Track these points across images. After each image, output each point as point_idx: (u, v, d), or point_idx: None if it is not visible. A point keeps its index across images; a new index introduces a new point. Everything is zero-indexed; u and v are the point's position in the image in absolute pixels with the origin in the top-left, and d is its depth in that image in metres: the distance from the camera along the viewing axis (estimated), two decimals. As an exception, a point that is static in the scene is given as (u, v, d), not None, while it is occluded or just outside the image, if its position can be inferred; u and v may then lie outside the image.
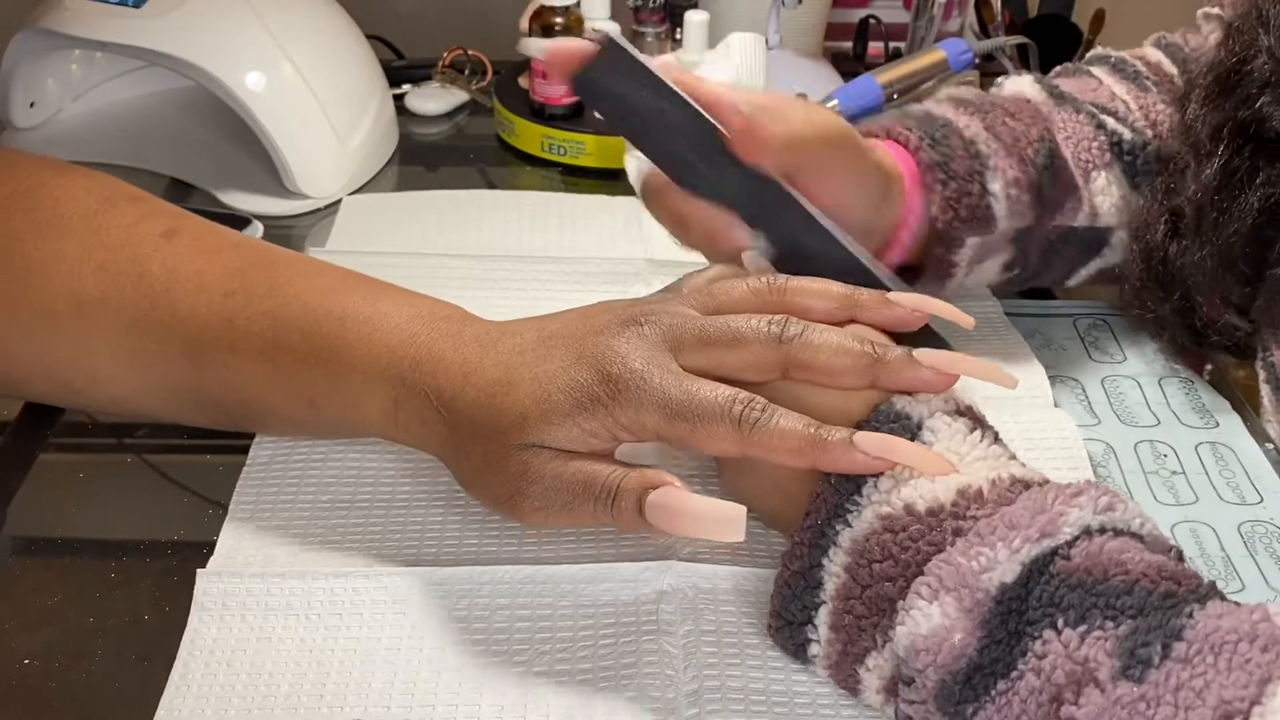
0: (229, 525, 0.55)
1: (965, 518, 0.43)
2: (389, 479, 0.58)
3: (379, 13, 1.00)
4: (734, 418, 0.46)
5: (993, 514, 0.43)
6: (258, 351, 0.53)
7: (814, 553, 0.46)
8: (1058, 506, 0.43)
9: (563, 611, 0.51)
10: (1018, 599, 0.41)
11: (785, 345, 0.48)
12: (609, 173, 0.90)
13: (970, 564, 0.42)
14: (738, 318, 0.49)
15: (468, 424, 0.49)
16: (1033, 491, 0.44)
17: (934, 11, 1.03)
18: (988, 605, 0.41)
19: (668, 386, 0.46)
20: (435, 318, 0.52)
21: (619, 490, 0.47)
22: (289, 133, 0.82)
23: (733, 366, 0.48)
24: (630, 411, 0.47)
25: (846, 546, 0.45)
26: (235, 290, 0.54)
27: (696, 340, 0.48)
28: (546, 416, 0.47)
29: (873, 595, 0.44)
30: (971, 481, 0.44)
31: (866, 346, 0.48)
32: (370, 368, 0.52)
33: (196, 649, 0.49)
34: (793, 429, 0.45)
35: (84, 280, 0.55)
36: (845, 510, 0.45)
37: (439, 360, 0.50)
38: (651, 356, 0.47)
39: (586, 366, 0.47)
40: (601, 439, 0.48)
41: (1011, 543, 0.42)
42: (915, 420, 0.47)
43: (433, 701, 0.47)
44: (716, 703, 0.47)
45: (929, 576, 0.42)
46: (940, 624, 0.42)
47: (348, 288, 0.54)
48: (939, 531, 0.43)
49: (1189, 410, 0.67)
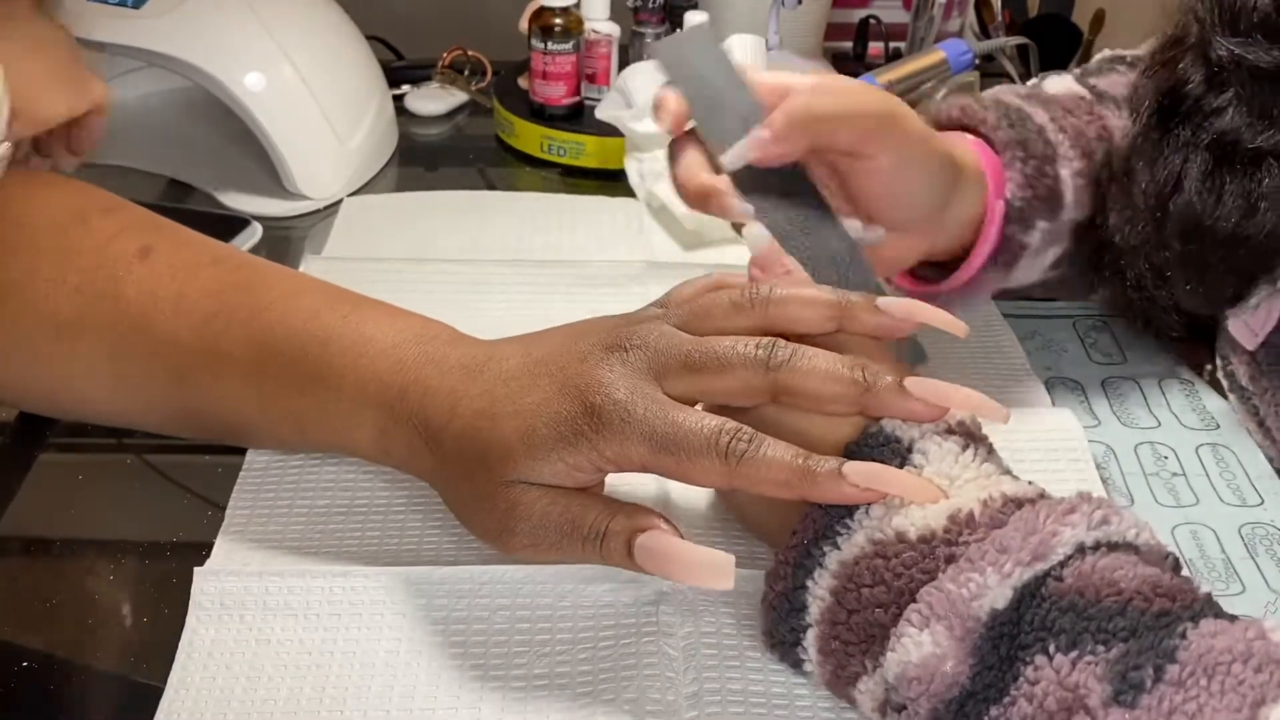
0: (225, 530, 0.55)
1: (957, 544, 0.43)
2: (386, 484, 0.58)
3: (379, 13, 1.00)
4: (721, 450, 0.45)
5: (984, 538, 0.43)
6: (243, 377, 0.53)
7: (798, 573, 0.46)
8: (1050, 526, 0.42)
9: (562, 613, 0.51)
10: (1010, 623, 0.41)
11: (773, 371, 0.46)
12: (609, 173, 0.90)
13: (961, 591, 0.41)
14: (724, 342, 0.47)
15: (455, 456, 0.49)
16: (1025, 511, 0.43)
17: (934, 12, 1.03)
18: (979, 632, 0.41)
19: (652, 418, 0.46)
20: (421, 340, 0.52)
21: (607, 532, 0.47)
22: (288, 133, 0.82)
23: (719, 393, 0.47)
24: (615, 445, 0.46)
25: (833, 570, 0.45)
26: (216, 313, 0.53)
27: (681, 366, 0.47)
28: (531, 451, 0.47)
29: (861, 621, 0.44)
30: (963, 505, 0.44)
31: (856, 374, 0.46)
32: (357, 395, 0.51)
33: (195, 650, 0.49)
34: (781, 460, 0.45)
35: (59, 304, 0.54)
36: (835, 533, 0.45)
37: (425, 388, 0.50)
38: (635, 386, 0.46)
39: (570, 398, 0.47)
40: (587, 472, 0.47)
41: (1003, 567, 0.41)
42: (906, 443, 0.46)
43: (433, 704, 0.47)
44: (716, 705, 0.46)
45: (920, 604, 0.42)
46: (931, 652, 0.41)
47: (331, 308, 0.53)
48: (931, 559, 0.43)
49: (1189, 412, 0.67)
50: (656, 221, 0.82)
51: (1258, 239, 0.54)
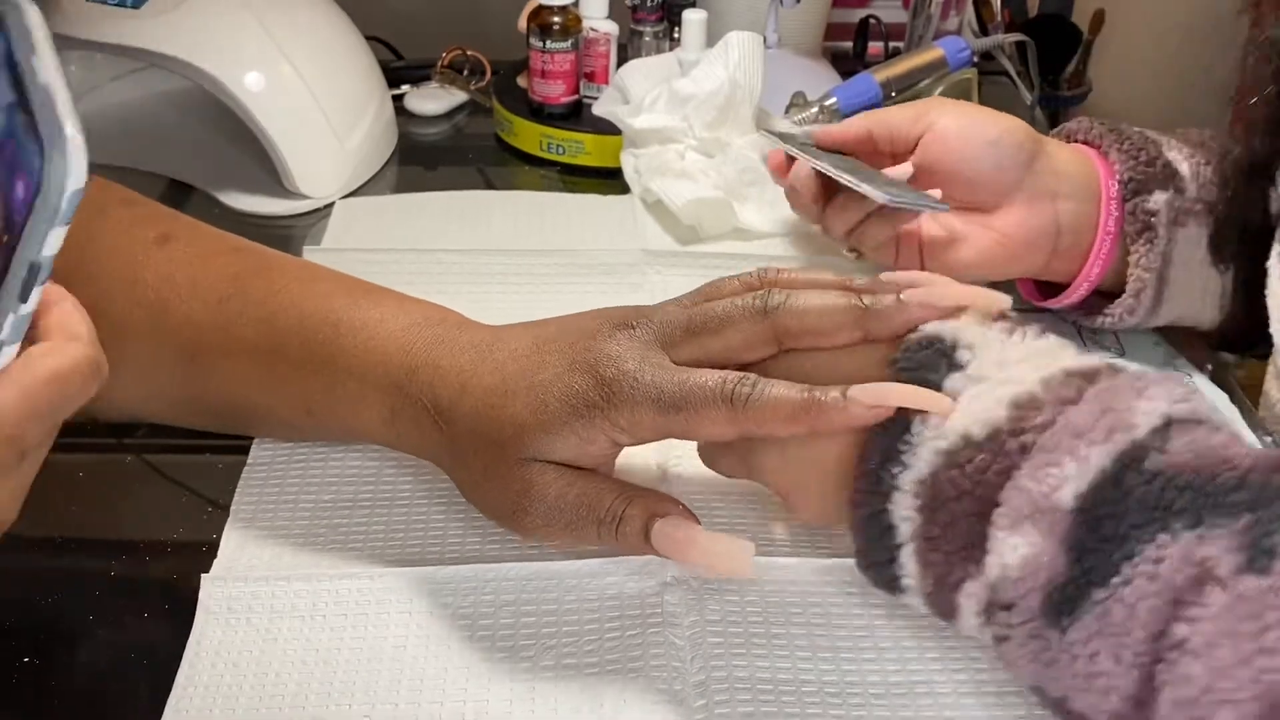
0: (231, 527, 0.55)
1: (1025, 430, 0.42)
2: (390, 477, 0.58)
3: (378, 13, 1.00)
4: (726, 396, 0.45)
5: (1053, 420, 0.42)
6: (254, 358, 0.53)
7: (874, 499, 0.45)
8: (1127, 401, 0.41)
9: (568, 606, 0.51)
10: (1110, 502, 0.40)
11: (771, 315, 0.47)
12: (608, 171, 0.89)
13: (1040, 487, 0.41)
14: (721, 301, 0.48)
15: (466, 434, 0.49)
16: (1099, 388, 0.42)
17: (932, 10, 1.03)
18: (1066, 522, 0.40)
19: (660, 381, 0.46)
20: (431, 323, 0.52)
21: (624, 516, 0.47)
22: (288, 133, 0.82)
23: (724, 349, 0.48)
24: (626, 412, 0.46)
25: (912, 489, 0.44)
26: (230, 296, 0.54)
27: (685, 332, 0.48)
28: (544, 426, 0.47)
29: (954, 533, 0.43)
30: (1022, 389, 0.43)
31: (853, 299, 0.47)
32: (366, 376, 0.51)
33: (202, 651, 0.48)
34: (785, 396, 0.45)
35: (75, 290, 0.54)
36: (898, 451, 0.44)
37: (435, 368, 0.50)
38: (644, 356, 0.47)
39: (581, 372, 0.47)
40: (599, 444, 0.48)
41: (1079, 452, 0.41)
42: (949, 341, 0.45)
43: (440, 699, 0.47)
44: (724, 693, 0.46)
45: (1004, 506, 0.41)
46: (1026, 553, 0.41)
47: (343, 293, 0.54)
48: (1004, 456, 0.42)
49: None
50: (652, 217, 0.82)
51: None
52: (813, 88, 0.90)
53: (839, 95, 0.88)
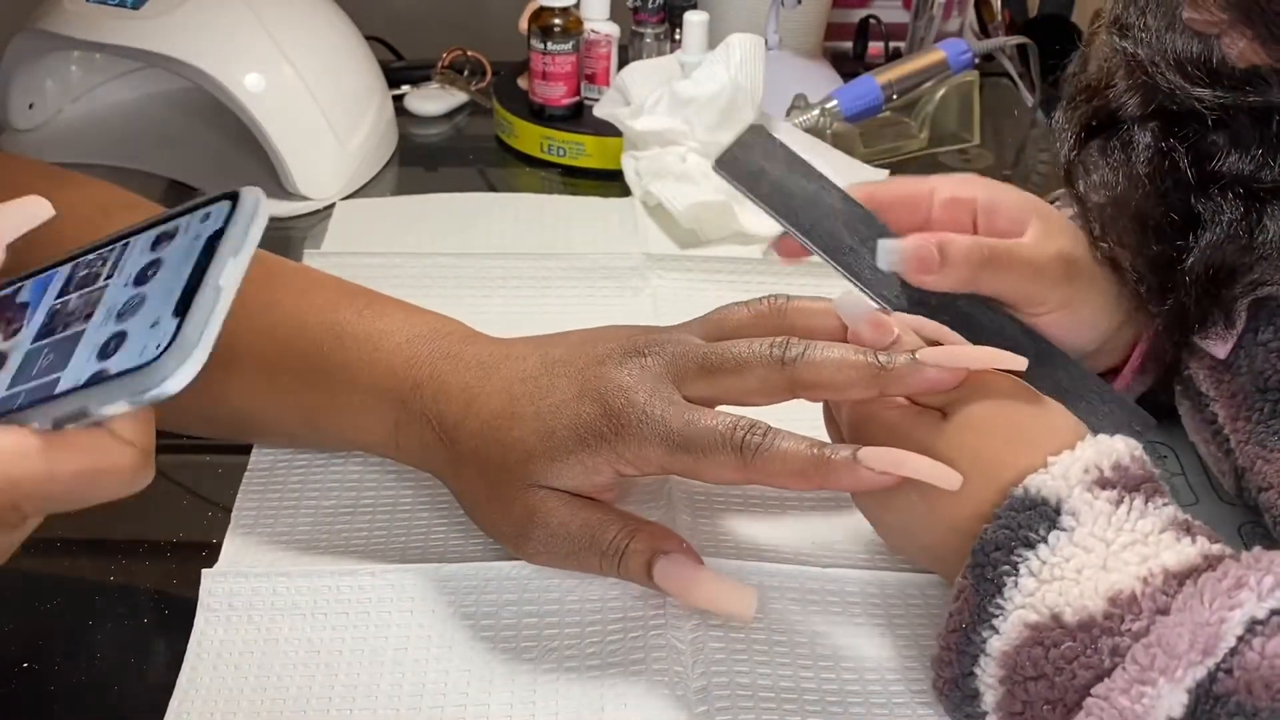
0: (232, 532, 0.54)
1: (1120, 633, 0.41)
2: (391, 484, 0.57)
3: (378, 13, 1.00)
4: (735, 444, 0.45)
5: (1147, 630, 0.40)
6: (255, 370, 0.53)
7: (963, 660, 0.44)
8: (1218, 612, 0.39)
9: (570, 607, 0.51)
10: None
11: (788, 366, 0.47)
12: (608, 173, 0.89)
13: (1134, 706, 0.39)
14: (739, 342, 0.48)
15: (471, 454, 0.49)
16: (1189, 595, 0.40)
17: (934, 11, 1.03)
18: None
19: (669, 419, 0.46)
20: (436, 336, 0.52)
21: (628, 550, 0.47)
22: (288, 134, 0.82)
23: (738, 392, 0.48)
24: (634, 447, 0.46)
25: (997, 658, 0.43)
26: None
27: (699, 369, 0.48)
28: (551, 454, 0.47)
29: (1033, 715, 0.42)
30: (1122, 586, 0.41)
31: (869, 357, 0.46)
32: (370, 389, 0.51)
33: (204, 651, 0.48)
34: (795, 451, 0.45)
35: None
36: (990, 615, 0.43)
37: (440, 384, 0.50)
38: (655, 389, 0.47)
39: (590, 400, 0.47)
40: (604, 474, 0.47)
41: (1174, 674, 0.39)
42: (1054, 504, 0.43)
43: (441, 701, 0.47)
44: (725, 699, 0.46)
45: (1090, 717, 0.40)
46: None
47: (347, 303, 0.53)
48: (1094, 652, 0.41)
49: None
50: (653, 219, 0.82)
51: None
52: (813, 89, 0.90)
53: (840, 98, 0.88)
